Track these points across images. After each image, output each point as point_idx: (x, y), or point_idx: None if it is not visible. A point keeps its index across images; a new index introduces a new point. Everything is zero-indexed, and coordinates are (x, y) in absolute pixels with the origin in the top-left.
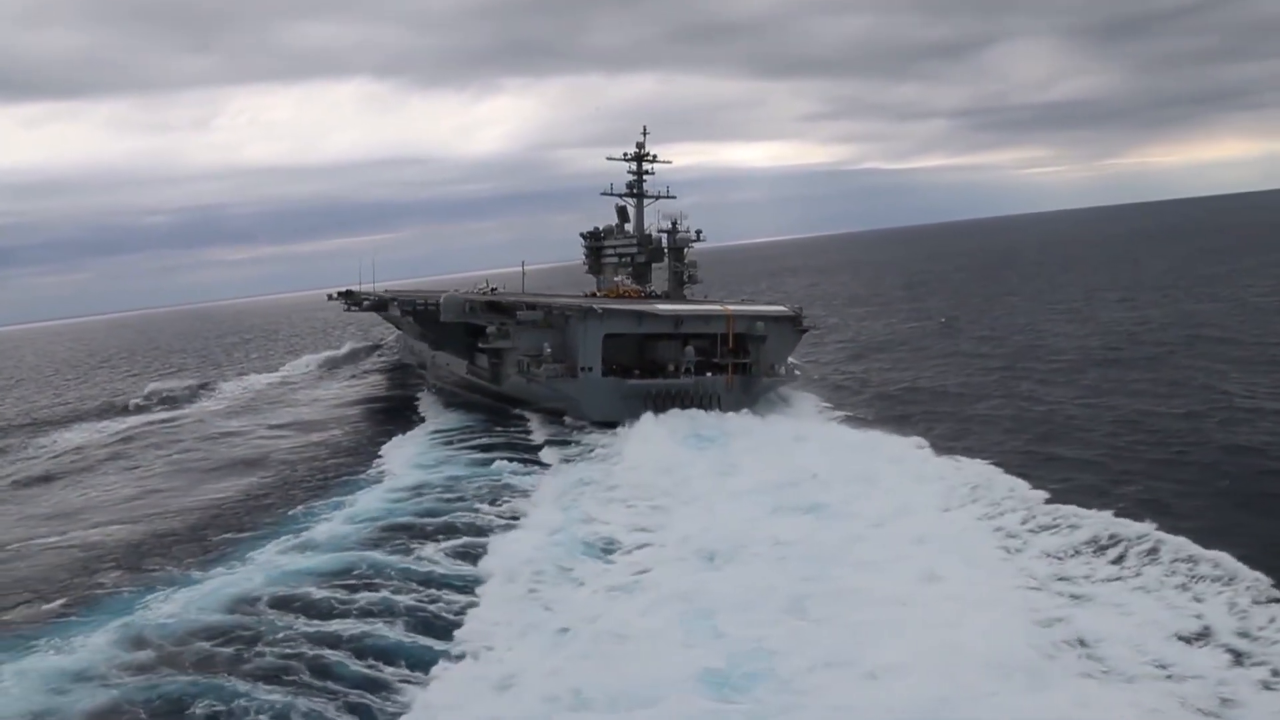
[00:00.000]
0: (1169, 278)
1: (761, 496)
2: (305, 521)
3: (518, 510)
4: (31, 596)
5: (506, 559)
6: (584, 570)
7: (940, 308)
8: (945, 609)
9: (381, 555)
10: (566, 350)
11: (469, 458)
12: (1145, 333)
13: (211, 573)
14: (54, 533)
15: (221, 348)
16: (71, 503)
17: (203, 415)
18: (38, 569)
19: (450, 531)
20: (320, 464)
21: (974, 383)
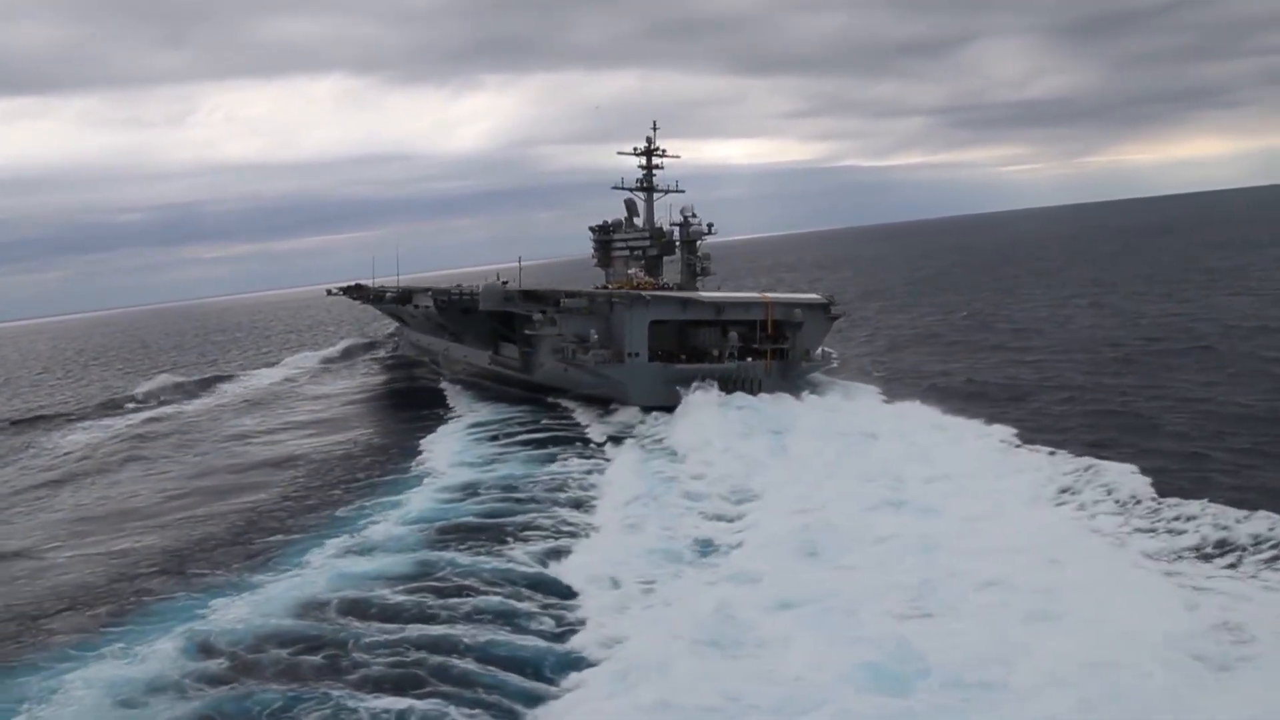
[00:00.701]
0: (1175, 271)
1: (847, 489)
2: (355, 523)
3: (592, 508)
4: (78, 604)
5: (602, 560)
6: (688, 570)
7: (955, 302)
8: (1094, 596)
9: (462, 556)
10: (611, 337)
11: (523, 454)
12: (1180, 323)
13: (267, 577)
14: (87, 538)
15: (216, 345)
16: (99, 506)
17: (213, 413)
18: (77, 576)
19: (526, 531)
20: (355, 463)
21: (1032, 374)
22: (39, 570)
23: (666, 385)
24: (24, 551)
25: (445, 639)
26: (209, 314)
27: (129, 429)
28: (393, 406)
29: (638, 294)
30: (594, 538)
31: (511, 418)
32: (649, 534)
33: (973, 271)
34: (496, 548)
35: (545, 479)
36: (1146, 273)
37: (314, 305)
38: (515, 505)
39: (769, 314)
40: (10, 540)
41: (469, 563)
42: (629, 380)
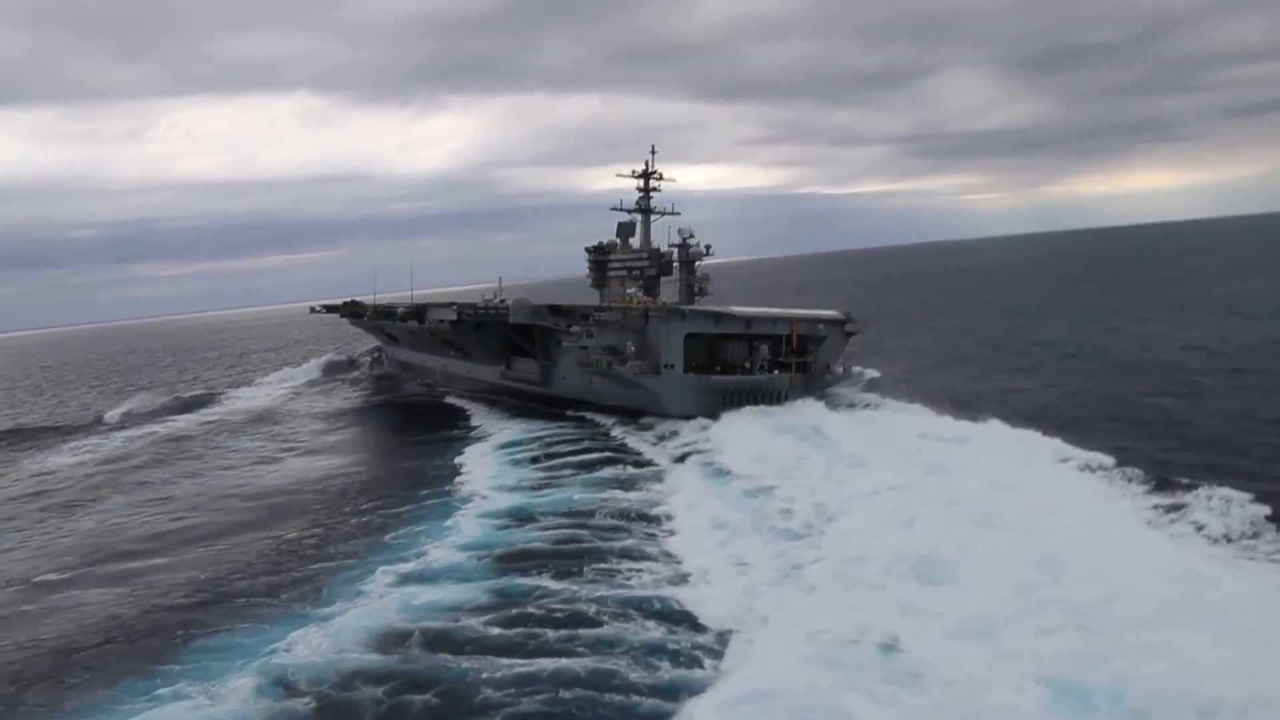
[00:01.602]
0: (1178, 297)
1: (932, 509)
2: (406, 549)
3: (671, 531)
4: (115, 639)
5: (718, 591)
6: (801, 594)
7: (960, 325)
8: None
9: (549, 584)
10: (646, 349)
11: (579, 477)
12: (1223, 347)
13: (330, 607)
14: (107, 566)
15: (192, 362)
16: (111, 533)
17: (207, 433)
18: (108, 608)
19: (610, 558)
20: (386, 485)
21: (1089, 394)
22: (65, 603)
23: (700, 396)
24: (43, 583)
25: (564, 672)
26: (169, 332)
27: (120, 449)
28: (404, 424)
29: (675, 308)
30: (688, 561)
31: (544, 435)
32: (750, 557)
33: (960, 296)
34: (581, 575)
35: (608, 503)
36: (1145, 298)
37: (282, 323)
38: (585, 531)
39: (794, 329)
40: (20, 568)
41: (561, 589)
42: (664, 390)
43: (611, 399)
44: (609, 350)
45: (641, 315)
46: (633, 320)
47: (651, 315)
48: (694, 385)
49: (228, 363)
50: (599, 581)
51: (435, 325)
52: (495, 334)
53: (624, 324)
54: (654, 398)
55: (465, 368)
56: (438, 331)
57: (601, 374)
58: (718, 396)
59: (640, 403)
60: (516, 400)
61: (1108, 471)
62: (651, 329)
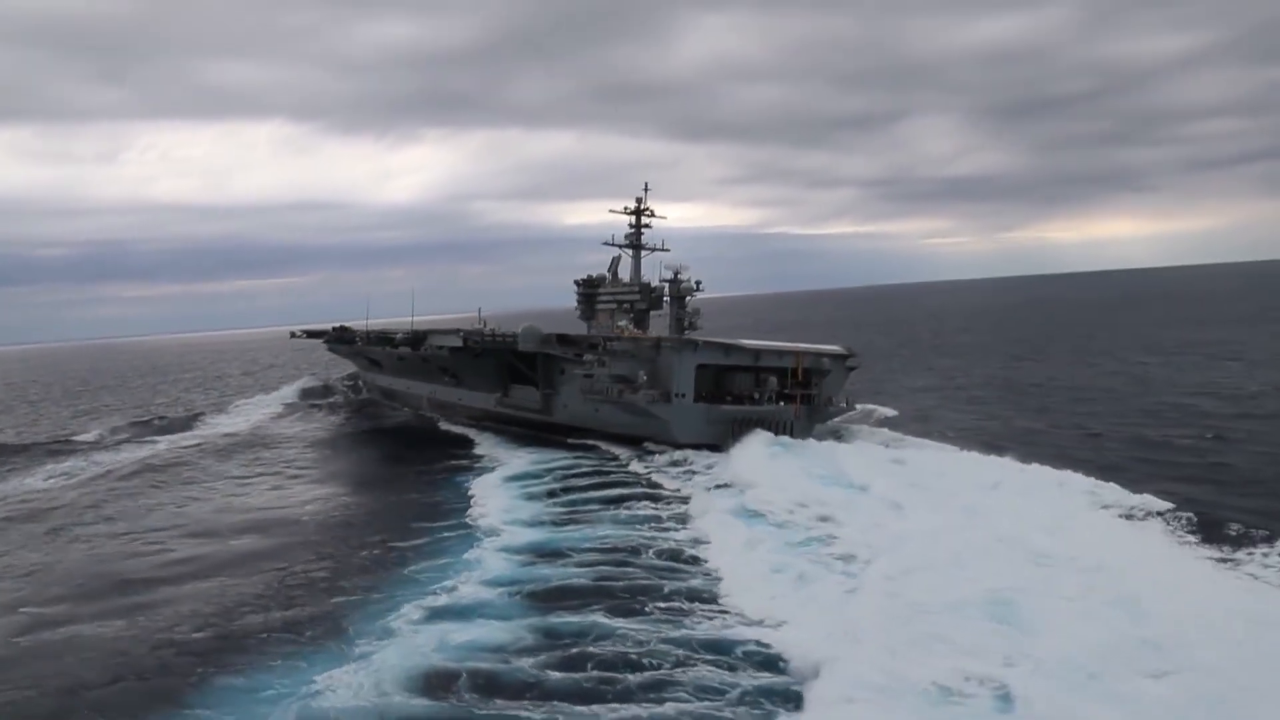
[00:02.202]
0: (1171, 342)
1: (985, 545)
2: (428, 584)
3: (716, 568)
4: (126, 677)
5: (794, 630)
6: (892, 640)
7: (958, 365)
8: None
9: (598, 621)
10: (657, 378)
11: (605, 512)
12: (1233, 391)
13: (358, 646)
14: (101, 602)
15: (168, 384)
16: (99, 566)
17: (191, 457)
18: (110, 645)
19: (656, 596)
20: (393, 516)
21: (1121, 437)
22: (62, 637)
23: (710, 425)
24: (36, 615)
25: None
26: (138, 353)
27: (101, 473)
28: (401, 451)
29: (688, 339)
30: (744, 600)
31: (555, 465)
32: (814, 600)
33: (947, 336)
34: (640, 614)
35: (644, 539)
36: (1134, 342)
37: (253, 348)
38: (627, 568)
39: (799, 363)
40: (7, 598)
41: (619, 629)
42: (675, 419)
43: (617, 426)
44: (620, 379)
45: (654, 345)
46: (644, 350)
47: (664, 345)
48: (704, 414)
49: (204, 385)
50: (664, 621)
51: (431, 352)
52: (494, 361)
53: (635, 354)
54: (664, 425)
55: (457, 394)
56: (433, 358)
57: (611, 401)
58: (726, 426)
59: (648, 430)
60: (514, 427)
61: (1157, 513)
62: (664, 359)
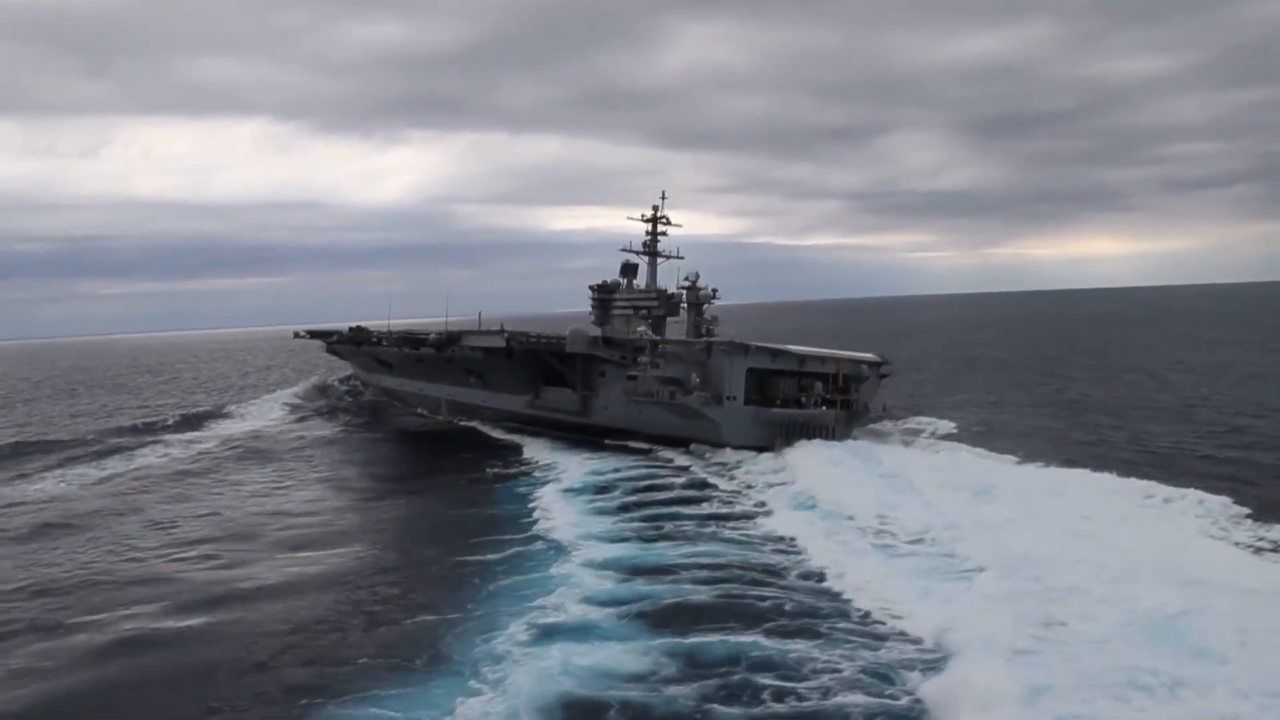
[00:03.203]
0: (1198, 362)
1: (1103, 558)
2: (519, 603)
3: (829, 583)
4: (223, 713)
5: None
6: (1097, 676)
7: (986, 380)
8: None
9: (737, 642)
10: (707, 381)
11: (680, 524)
12: None
13: (478, 670)
14: (152, 624)
15: (172, 384)
16: (141, 585)
17: (214, 463)
18: (181, 676)
19: (781, 616)
20: (453, 530)
21: (1218, 455)
22: (117, 666)
23: (759, 427)
24: (72, 635)
25: None
26: (120, 353)
27: (115, 476)
28: (438, 457)
29: (740, 343)
30: (912, 626)
31: (612, 473)
32: (987, 628)
33: (956, 350)
34: (776, 634)
35: (747, 553)
36: (1157, 360)
37: (238, 348)
38: (736, 585)
39: (840, 369)
40: (38, 615)
41: (770, 652)
42: (726, 421)
43: (662, 428)
44: (671, 381)
45: (704, 349)
46: (693, 354)
47: (715, 349)
48: (754, 417)
49: (204, 386)
50: (816, 644)
51: (460, 353)
52: (526, 363)
53: (684, 357)
54: (715, 427)
55: (482, 396)
56: (459, 360)
57: (660, 403)
58: (775, 429)
59: (697, 432)
60: (547, 429)
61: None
62: (714, 362)
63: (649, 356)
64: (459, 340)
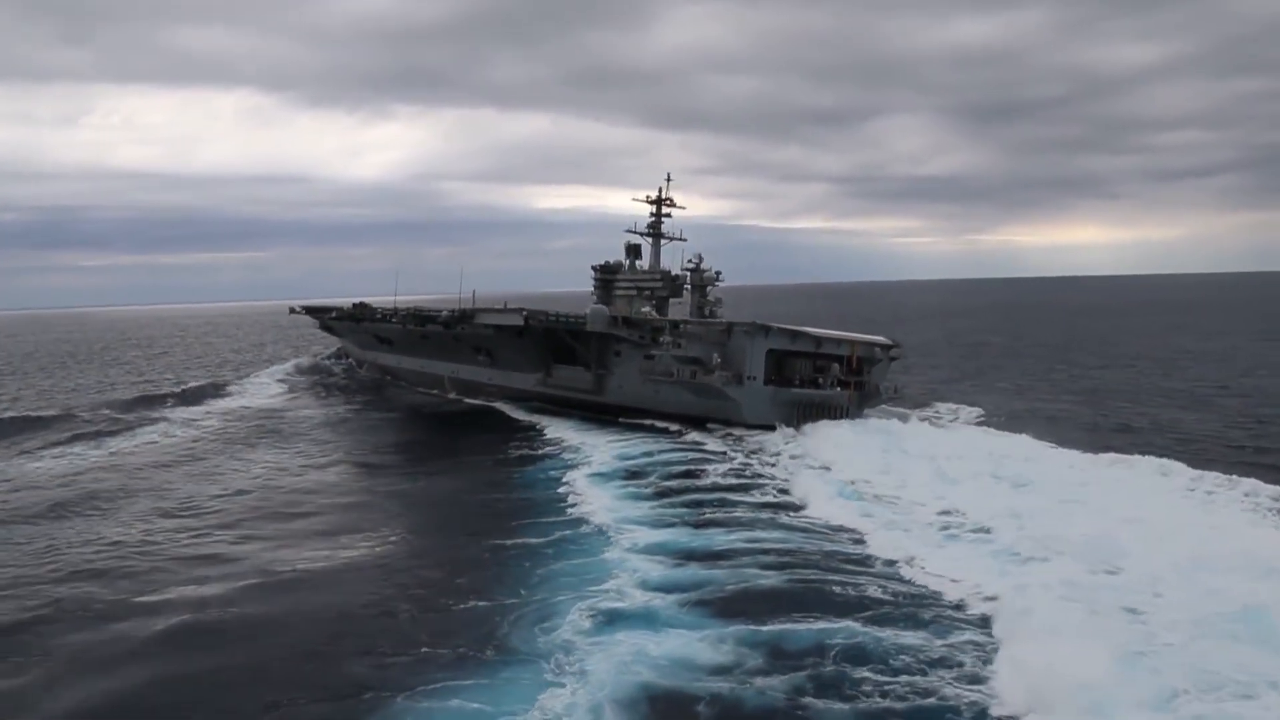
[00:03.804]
0: (1212, 351)
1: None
2: (575, 589)
3: (908, 574)
4: (284, 707)
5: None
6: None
7: (994, 365)
8: None
9: (824, 629)
10: (728, 361)
11: (733, 510)
12: None
13: (549, 660)
14: (182, 619)
15: (164, 359)
16: (163, 575)
17: (220, 441)
18: (229, 667)
19: (868, 607)
20: (486, 512)
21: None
22: (155, 661)
23: (778, 406)
24: (98, 623)
25: None
26: (103, 325)
27: (117, 453)
28: (456, 436)
29: (761, 324)
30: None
31: (641, 455)
32: (1071, 620)
33: (959, 336)
34: (849, 621)
35: (800, 539)
36: (1169, 350)
37: (222, 323)
38: (800, 571)
39: (854, 351)
40: (62, 601)
41: (860, 640)
42: (746, 400)
43: (679, 407)
44: (692, 361)
45: (725, 330)
46: (713, 334)
47: (736, 330)
48: (773, 397)
49: (200, 361)
50: (909, 633)
51: (469, 331)
52: (537, 342)
53: (705, 337)
54: (735, 406)
55: (489, 374)
56: (467, 337)
57: (680, 382)
58: (792, 408)
59: (716, 411)
60: (559, 407)
61: None
62: (735, 343)
63: (671, 336)
64: (472, 318)
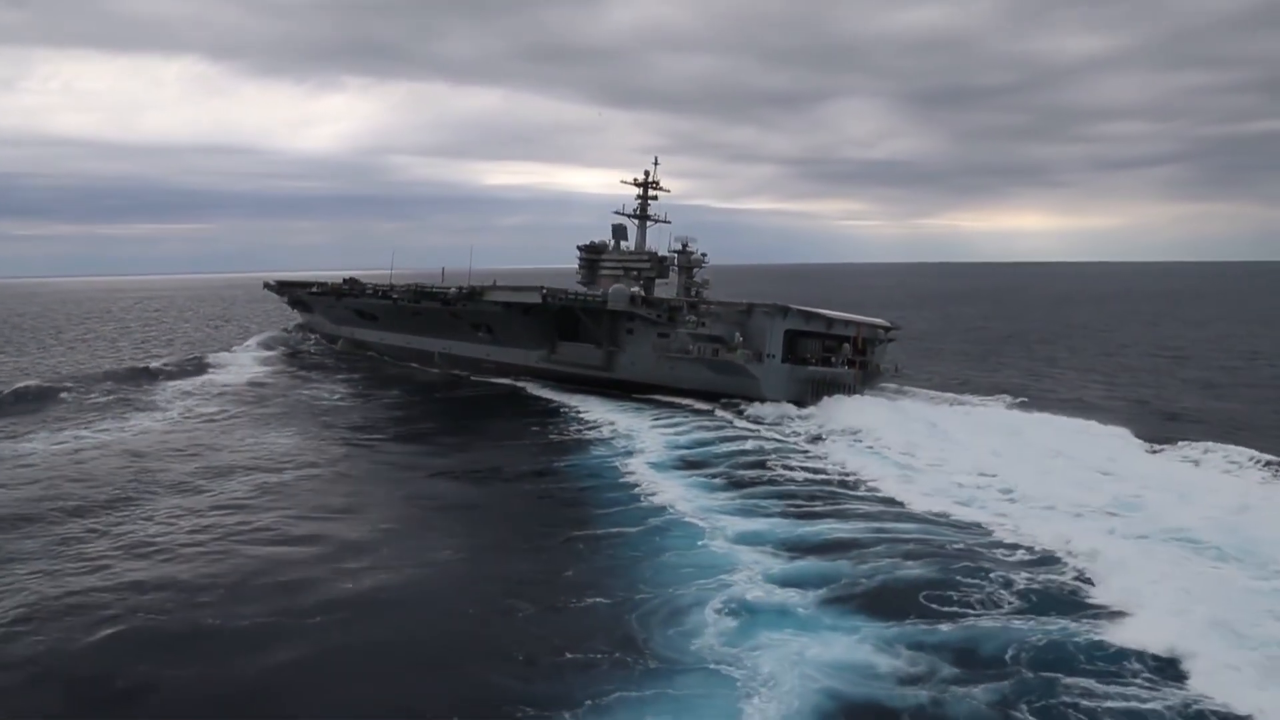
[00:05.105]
0: (1191, 338)
1: None
2: (686, 582)
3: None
4: None
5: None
6: None
7: (992, 350)
8: None
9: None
10: (748, 339)
11: (830, 502)
12: None
13: (716, 666)
14: (302, 627)
15: (128, 332)
16: (260, 576)
17: (224, 423)
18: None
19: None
20: (548, 500)
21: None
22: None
23: (794, 384)
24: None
25: None
26: (49, 298)
27: (119, 432)
28: (482, 417)
29: (780, 305)
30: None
31: (707, 451)
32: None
33: (954, 322)
34: (1024, 622)
35: (917, 529)
36: (1157, 333)
37: (172, 296)
38: (937, 563)
39: (860, 333)
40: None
41: (1064, 645)
42: (765, 377)
43: (695, 383)
44: (714, 339)
45: (745, 310)
46: (733, 314)
47: (756, 310)
48: (790, 374)
49: (165, 337)
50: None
51: (469, 307)
52: (543, 319)
53: (724, 317)
54: (755, 383)
55: (487, 350)
56: (467, 314)
57: (701, 360)
58: (807, 385)
59: (734, 388)
60: (565, 383)
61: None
62: (755, 322)
63: (695, 315)
64: (482, 295)
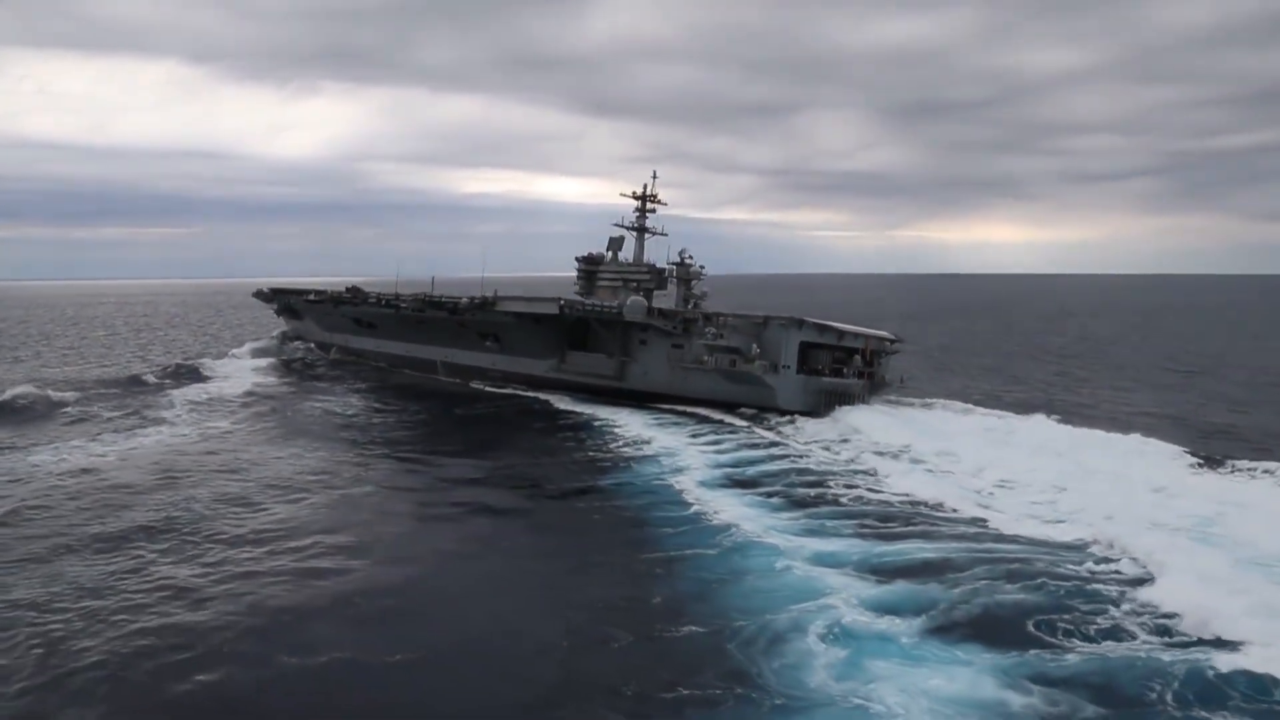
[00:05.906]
0: (1202, 354)
1: None
2: (780, 606)
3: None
4: None
5: None
6: None
7: (1005, 365)
8: None
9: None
10: (764, 351)
11: (906, 524)
12: None
13: (824, 703)
14: (377, 656)
15: (117, 339)
16: (344, 606)
17: (240, 439)
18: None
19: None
20: (606, 525)
21: None
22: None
23: (809, 394)
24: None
25: None
26: (25, 301)
27: (129, 450)
28: (503, 430)
29: (797, 318)
30: None
31: (755, 471)
32: None
33: (957, 338)
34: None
35: (1010, 551)
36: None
37: (154, 300)
38: (1036, 587)
39: (868, 345)
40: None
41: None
42: (781, 388)
43: (710, 394)
44: (732, 350)
45: (761, 322)
46: (749, 326)
47: (772, 322)
48: (805, 385)
49: (159, 342)
50: None
51: (478, 316)
52: (553, 328)
53: (740, 329)
54: (771, 393)
55: (491, 359)
56: (474, 324)
57: (717, 370)
58: (820, 395)
59: (749, 398)
60: (575, 392)
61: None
62: (771, 334)
63: (715, 327)
64: (494, 305)
